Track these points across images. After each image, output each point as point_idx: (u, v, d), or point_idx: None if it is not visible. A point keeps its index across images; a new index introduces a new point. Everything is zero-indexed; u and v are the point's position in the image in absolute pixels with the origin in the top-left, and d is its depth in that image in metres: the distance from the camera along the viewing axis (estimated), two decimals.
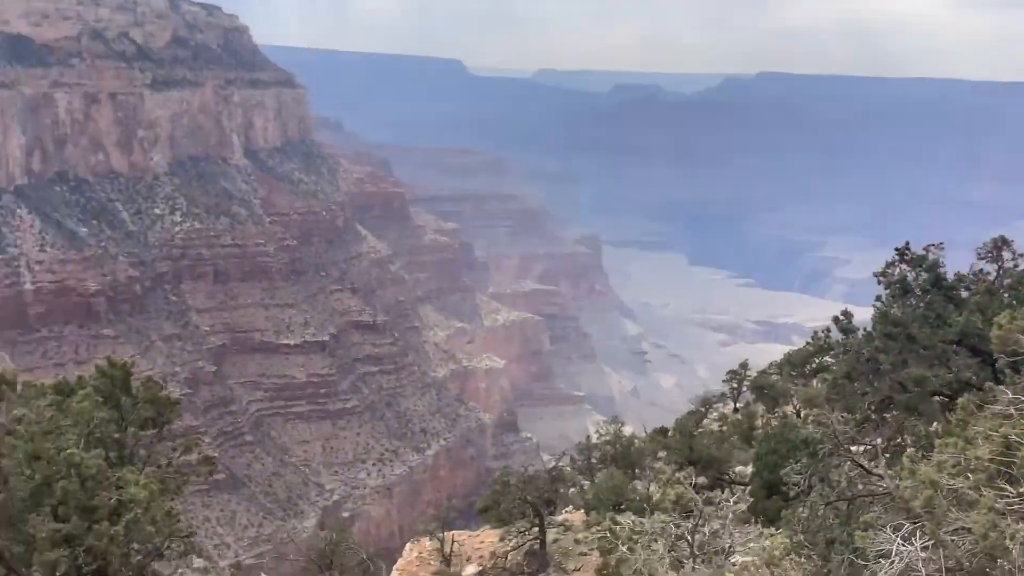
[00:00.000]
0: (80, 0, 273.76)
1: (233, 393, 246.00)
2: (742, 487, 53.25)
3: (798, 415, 67.25)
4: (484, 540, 62.59)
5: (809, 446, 18.87)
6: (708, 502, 13.34)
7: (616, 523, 13.26)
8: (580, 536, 50.97)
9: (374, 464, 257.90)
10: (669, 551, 11.47)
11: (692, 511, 13.14)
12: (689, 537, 12.72)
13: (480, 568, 54.94)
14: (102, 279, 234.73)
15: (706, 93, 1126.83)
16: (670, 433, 64.98)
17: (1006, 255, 26.12)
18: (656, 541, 12.12)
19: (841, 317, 23.05)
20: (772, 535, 12.61)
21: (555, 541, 57.26)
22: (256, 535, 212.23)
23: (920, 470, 13.06)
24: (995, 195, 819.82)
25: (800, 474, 18.43)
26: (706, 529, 13.10)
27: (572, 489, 60.31)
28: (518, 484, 54.76)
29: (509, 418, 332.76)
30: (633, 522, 13.09)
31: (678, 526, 12.87)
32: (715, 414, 75.81)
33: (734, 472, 56.24)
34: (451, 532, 62.33)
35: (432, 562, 59.82)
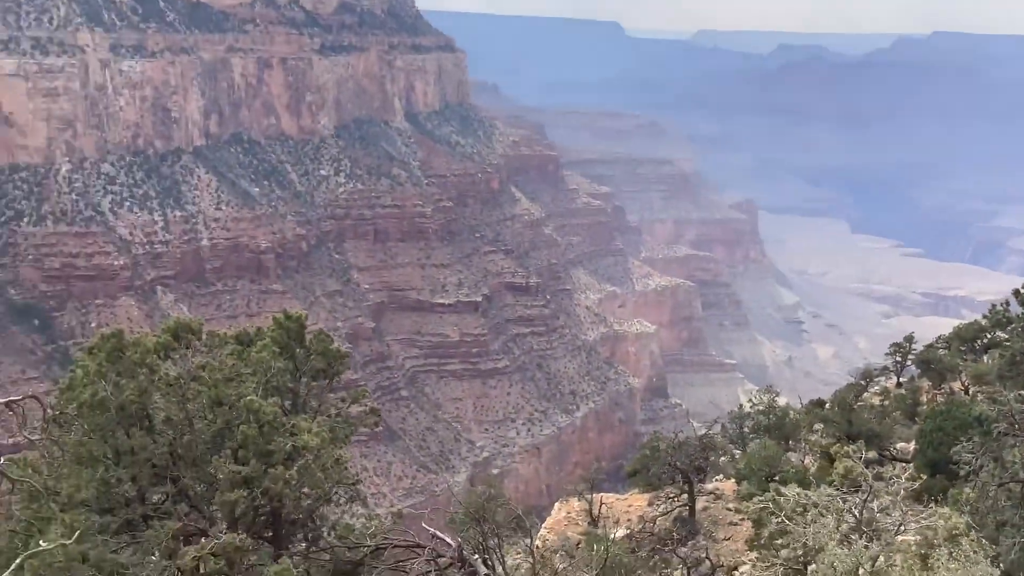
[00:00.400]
0: None
1: (390, 349, 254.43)
2: (904, 464, 51.25)
3: (966, 392, 63.93)
4: (632, 504, 62.71)
5: (982, 424, 17.96)
6: (878, 477, 12.91)
7: (780, 495, 13.02)
8: (738, 506, 50.28)
9: (523, 423, 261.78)
10: (837, 527, 11.20)
11: (860, 486, 12.72)
12: (856, 513, 12.35)
13: (628, 531, 55.16)
14: (272, 236, 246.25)
15: (875, 54, 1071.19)
16: (827, 406, 63.05)
17: None
18: (824, 515, 11.83)
19: (1021, 290, 21.62)
20: (943, 514, 12.06)
21: (704, 509, 56.74)
22: (410, 486, 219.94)
23: None
24: None
25: (971, 453, 17.59)
26: (875, 505, 12.68)
27: (723, 458, 59.47)
28: (668, 450, 54.45)
29: (658, 383, 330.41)
30: (798, 494, 12.82)
31: (845, 500, 12.50)
32: (876, 388, 72.94)
33: (895, 449, 54.12)
34: (599, 494, 62.79)
35: (580, 522, 60.46)
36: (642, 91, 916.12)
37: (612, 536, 52.16)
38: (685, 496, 54.92)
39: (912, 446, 54.27)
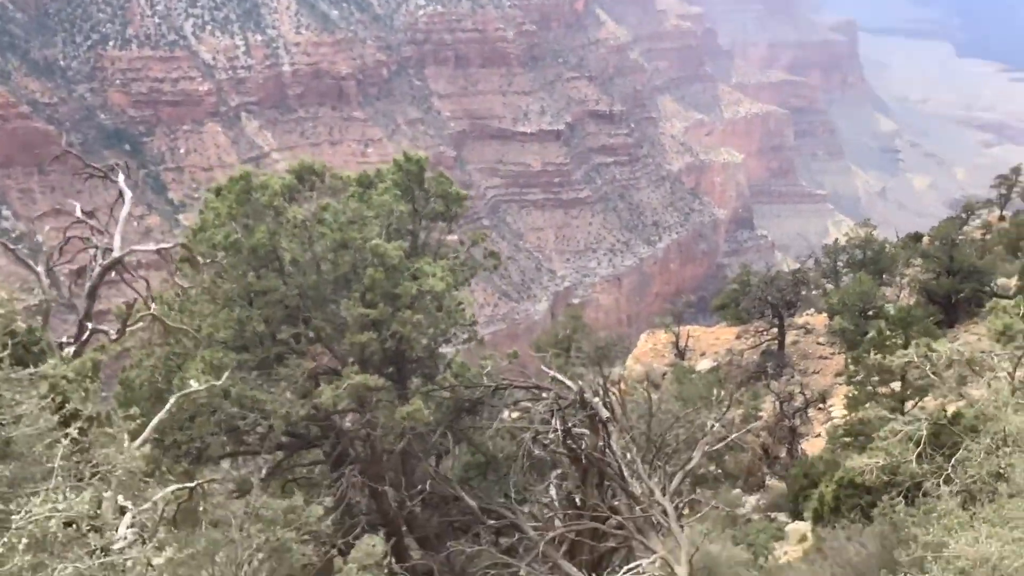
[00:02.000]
0: None
1: (471, 178, 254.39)
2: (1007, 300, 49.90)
3: None
4: (719, 336, 62.99)
5: None
6: None
7: (931, 348, 12.55)
8: (831, 340, 49.77)
9: (605, 254, 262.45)
10: (1013, 391, 10.77)
11: (1016, 342, 12.16)
12: (1011, 370, 11.88)
13: (716, 363, 55.63)
14: (352, 62, 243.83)
15: None
16: (926, 240, 61.27)
17: None
18: (996, 376, 11.39)
19: None
20: None
21: (794, 343, 56.71)
22: (491, 314, 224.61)
23: None
24: None
25: None
26: None
27: (815, 292, 58.84)
28: (760, 284, 54.09)
29: (744, 214, 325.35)
30: (951, 349, 12.34)
31: (1010, 358, 11.99)
32: (978, 221, 70.45)
33: (996, 285, 52.66)
34: (686, 326, 63.17)
35: (666, 354, 61.16)
36: None
37: (697, 368, 52.69)
38: (775, 330, 54.91)
39: (1015, 281, 52.67)
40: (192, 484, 9.22)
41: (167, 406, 9.83)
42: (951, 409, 14.78)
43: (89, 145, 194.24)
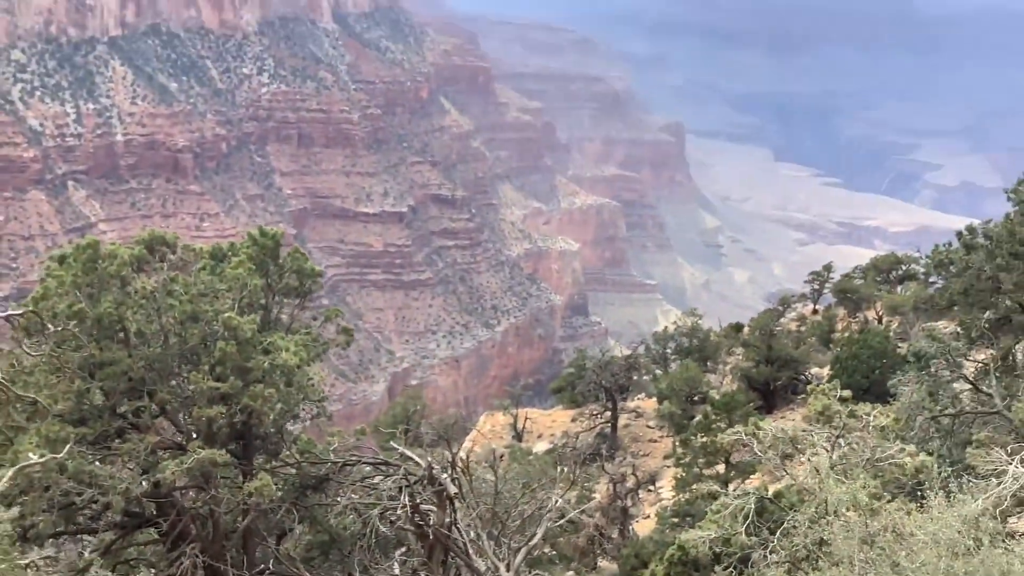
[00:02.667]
0: None
1: (312, 257, 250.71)
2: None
3: (879, 321, 66.49)
4: (556, 419, 64.21)
5: (921, 359, 18.75)
6: (851, 415, 13.42)
7: (758, 427, 13.44)
8: (659, 424, 51.68)
9: (444, 336, 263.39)
10: (831, 466, 11.67)
11: (833, 423, 13.24)
12: (828, 448, 12.89)
13: (551, 445, 56.59)
14: (190, 135, 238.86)
15: None
16: (746, 329, 64.93)
17: None
18: (815, 450, 12.31)
19: (965, 232, 22.35)
20: (910, 451, 12.66)
21: (626, 426, 58.50)
22: (328, 394, 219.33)
23: None
24: None
25: (906, 385, 18.37)
26: (843, 441, 13.22)
27: (645, 377, 61.10)
28: (595, 368, 55.78)
29: (579, 301, 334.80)
30: (776, 428, 13.27)
31: (828, 437, 12.99)
32: (793, 314, 75.23)
33: (809, 374, 56.24)
34: (524, 409, 64.12)
35: (504, 435, 61.76)
36: (576, 5, 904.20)
37: (534, 450, 53.47)
38: (608, 413, 56.57)
39: (826, 371, 56.38)
40: (24, 562, 8.70)
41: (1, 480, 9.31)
42: (774, 488, 15.82)
43: None
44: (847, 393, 14.56)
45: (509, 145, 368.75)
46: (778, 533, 12.58)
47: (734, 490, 28.82)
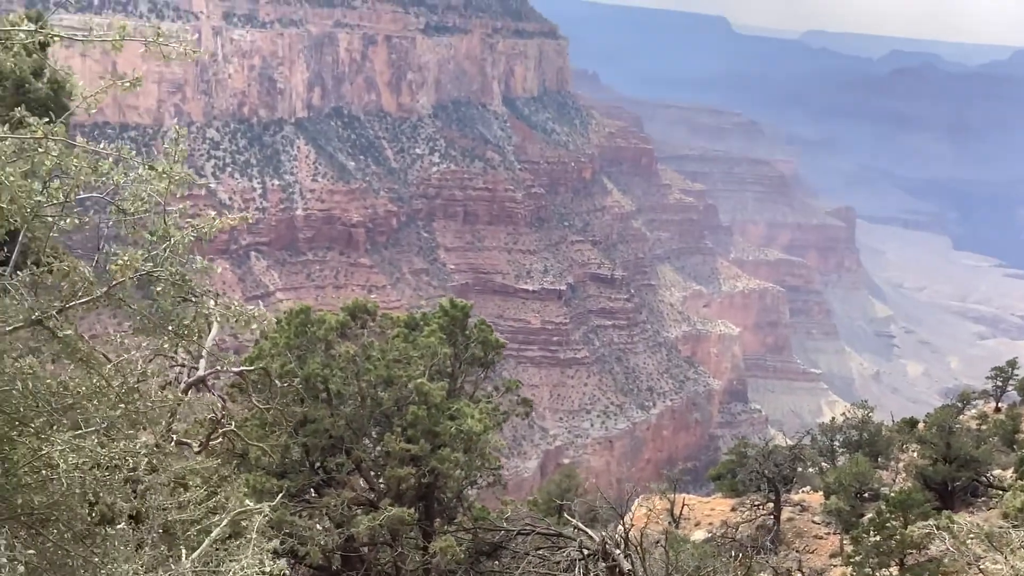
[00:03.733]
0: None
1: None
2: (1001, 492, 49.78)
3: None
4: (714, 507, 62.36)
5: None
6: None
7: (953, 521, 12.88)
8: (825, 519, 49.43)
9: (598, 416, 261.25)
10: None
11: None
12: None
13: (709, 534, 54.91)
14: (364, 211, 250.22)
15: (991, 66, 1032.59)
16: (923, 426, 61.59)
17: None
18: (1014, 550, 11.70)
19: None
20: None
21: (789, 520, 56.14)
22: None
23: None
24: None
25: None
26: None
27: (811, 469, 58.71)
28: (757, 457, 54.05)
29: (738, 387, 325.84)
30: (970, 523, 12.67)
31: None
32: (974, 411, 70.89)
33: (991, 475, 52.63)
34: (681, 494, 62.65)
35: (660, 521, 60.42)
36: (744, 89, 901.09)
37: (691, 538, 52.05)
38: (771, 504, 54.50)
39: (1011, 473, 52.64)
40: None
41: (220, 525, 10.10)
42: None
43: None
44: None
45: (670, 226, 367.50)
46: None
47: None
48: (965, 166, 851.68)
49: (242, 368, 13.76)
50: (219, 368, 12.15)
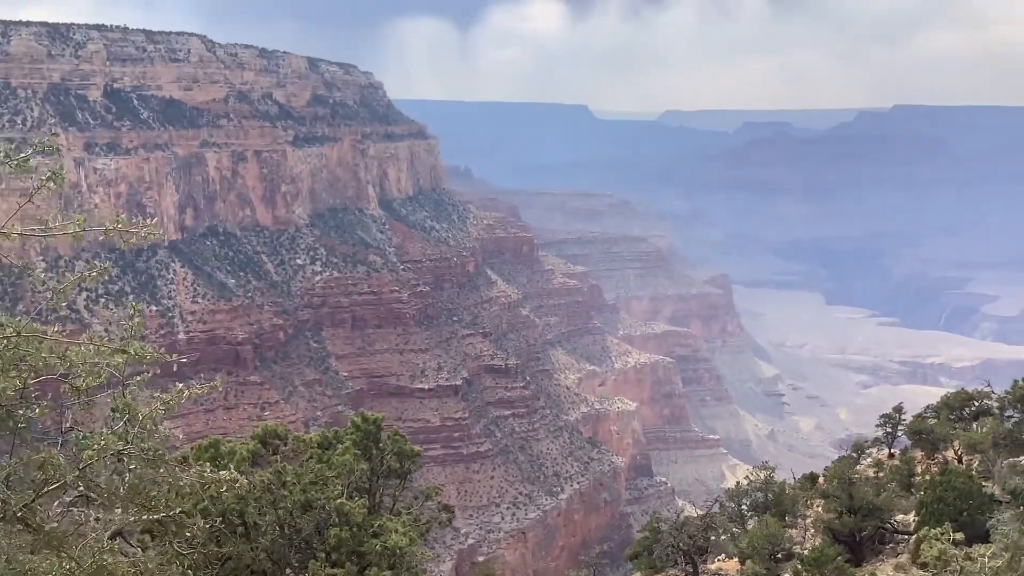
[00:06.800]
0: (227, 65, 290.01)
1: None
2: (906, 536, 51.20)
3: (959, 461, 64.28)
4: None
5: (1019, 497, 18.25)
6: (967, 557, 13.10)
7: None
8: None
9: (508, 507, 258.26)
10: None
11: (950, 567, 12.90)
12: None
13: None
14: (249, 327, 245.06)
15: (839, 128, 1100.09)
16: (822, 480, 63.12)
17: None
18: None
19: None
20: None
21: None
22: None
23: None
24: None
25: (1007, 525, 17.84)
26: None
27: (723, 536, 59.21)
28: (670, 531, 54.27)
29: (642, 461, 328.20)
30: None
31: None
32: (869, 460, 73.10)
33: (895, 521, 54.14)
34: None
35: None
36: (612, 171, 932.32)
37: None
38: None
39: (912, 517, 54.27)
40: None
41: None
42: None
43: None
44: (960, 536, 14.26)
45: (558, 310, 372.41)
46: None
47: None
48: (827, 225, 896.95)
49: (162, 515, 13.11)
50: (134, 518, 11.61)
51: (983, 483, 48.88)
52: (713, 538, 57.71)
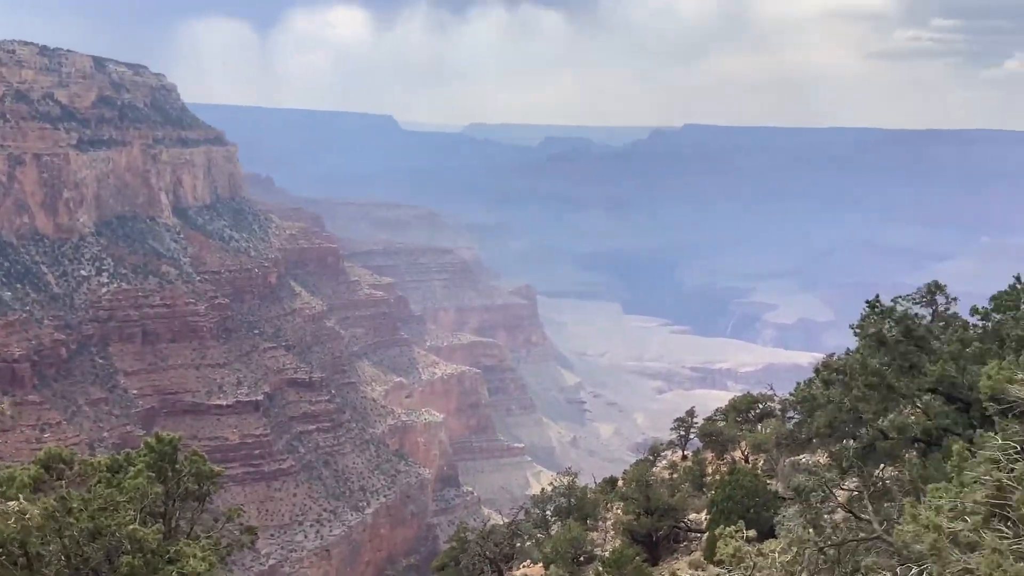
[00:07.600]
0: (3, 62, 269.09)
1: None
2: (699, 534, 53.46)
3: (746, 460, 68.02)
4: None
5: (801, 494, 19.16)
6: (759, 554, 13.43)
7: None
8: None
9: (312, 525, 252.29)
10: None
11: (744, 563, 13.15)
12: None
13: None
14: (27, 344, 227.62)
15: (634, 145, 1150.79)
16: (621, 483, 65.10)
17: (939, 299, 27.55)
18: None
19: (822, 368, 23.49)
20: None
21: None
22: None
23: (921, 514, 13.33)
24: (914, 239, 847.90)
25: (791, 520, 18.63)
26: None
27: (528, 543, 59.85)
28: (477, 540, 54.27)
29: (449, 472, 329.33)
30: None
31: None
32: (664, 462, 76.17)
33: (688, 520, 56.48)
34: None
35: None
36: (419, 182, 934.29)
37: None
38: None
39: (704, 515, 56.77)
40: None
41: None
42: None
43: None
44: (752, 533, 14.67)
45: (364, 322, 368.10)
46: None
47: None
48: (624, 237, 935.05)
49: None
50: None
51: (768, 481, 51.77)
52: (519, 545, 58.23)
